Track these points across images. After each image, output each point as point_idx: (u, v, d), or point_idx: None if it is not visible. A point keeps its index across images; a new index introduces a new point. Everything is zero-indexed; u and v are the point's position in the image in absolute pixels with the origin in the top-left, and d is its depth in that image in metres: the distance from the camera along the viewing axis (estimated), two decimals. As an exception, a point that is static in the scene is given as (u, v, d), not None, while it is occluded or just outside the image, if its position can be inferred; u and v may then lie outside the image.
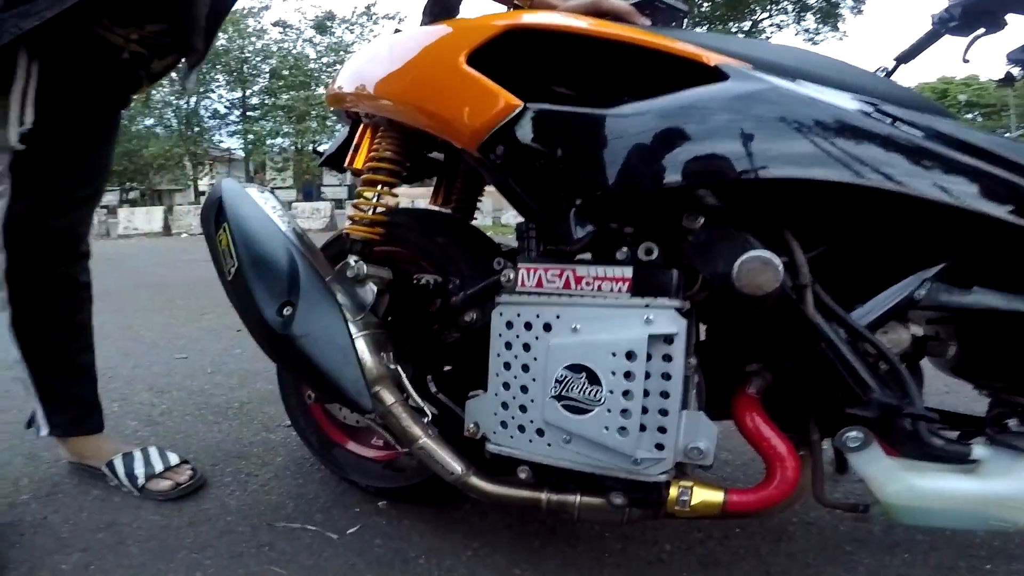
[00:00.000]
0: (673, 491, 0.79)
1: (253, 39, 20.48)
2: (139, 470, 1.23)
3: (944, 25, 1.11)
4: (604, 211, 0.79)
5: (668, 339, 0.75)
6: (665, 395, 0.76)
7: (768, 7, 22.20)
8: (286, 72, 20.16)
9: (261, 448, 1.46)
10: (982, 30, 1.10)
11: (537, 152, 0.80)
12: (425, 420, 0.92)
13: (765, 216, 0.76)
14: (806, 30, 22.58)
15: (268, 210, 0.97)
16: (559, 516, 0.89)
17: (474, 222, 1.25)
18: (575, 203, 0.79)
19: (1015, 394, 0.79)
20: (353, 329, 0.90)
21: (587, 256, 0.86)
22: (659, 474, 0.78)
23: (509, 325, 0.85)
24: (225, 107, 21.39)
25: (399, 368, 0.93)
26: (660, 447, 0.77)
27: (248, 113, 21.42)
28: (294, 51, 20.88)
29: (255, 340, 0.96)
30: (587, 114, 0.77)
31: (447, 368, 1.10)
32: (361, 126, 1.05)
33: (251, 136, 21.04)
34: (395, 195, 1.05)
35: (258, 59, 20.80)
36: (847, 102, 0.73)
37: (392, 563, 1.00)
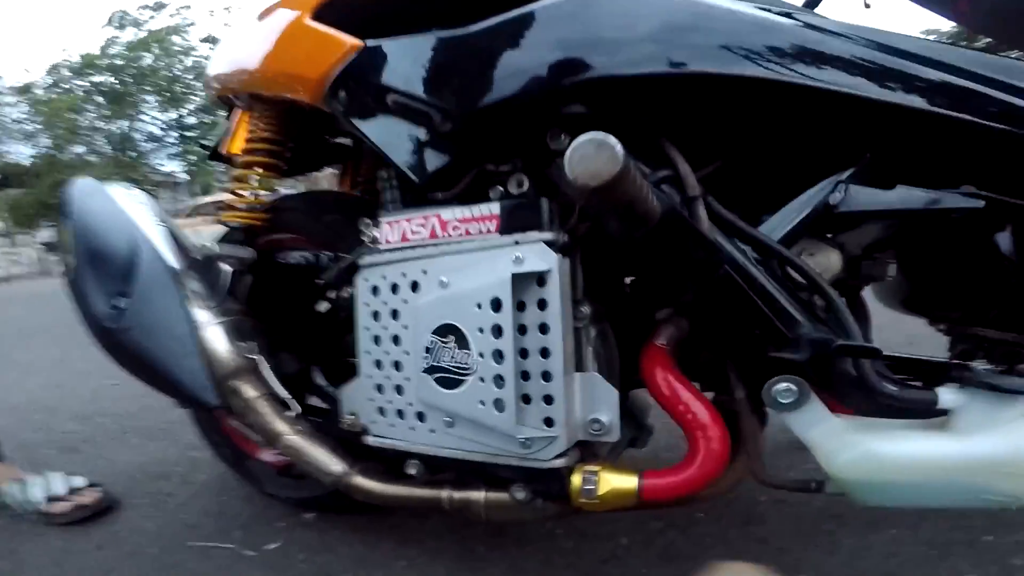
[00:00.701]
0: (576, 479, 0.60)
1: (181, 57, 18.05)
2: (37, 495, 1.07)
3: None
4: (454, 141, 0.63)
5: (541, 280, 0.56)
6: (546, 353, 0.56)
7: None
8: (223, 88, 18.56)
9: (185, 468, 1.30)
10: None
11: (381, 88, 0.66)
12: (292, 414, 0.74)
13: (640, 129, 0.58)
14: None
15: (124, 205, 0.82)
16: (466, 517, 0.71)
17: None
18: (422, 137, 0.64)
19: (975, 325, 0.59)
20: (202, 317, 0.73)
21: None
22: (554, 458, 0.59)
23: (375, 291, 0.67)
24: (160, 129, 18.57)
25: (261, 358, 0.75)
26: (549, 422, 0.58)
27: (186, 133, 18.36)
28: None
29: (92, 338, 0.80)
30: (425, 39, 0.64)
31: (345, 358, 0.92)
32: (236, 111, 0.92)
33: (193, 157, 17.89)
34: (278, 178, 0.90)
35: (190, 77, 18.17)
36: (730, 2, 0.58)
37: (314, 579, 0.84)
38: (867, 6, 1.02)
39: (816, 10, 0.83)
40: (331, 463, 0.72)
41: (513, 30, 0.60)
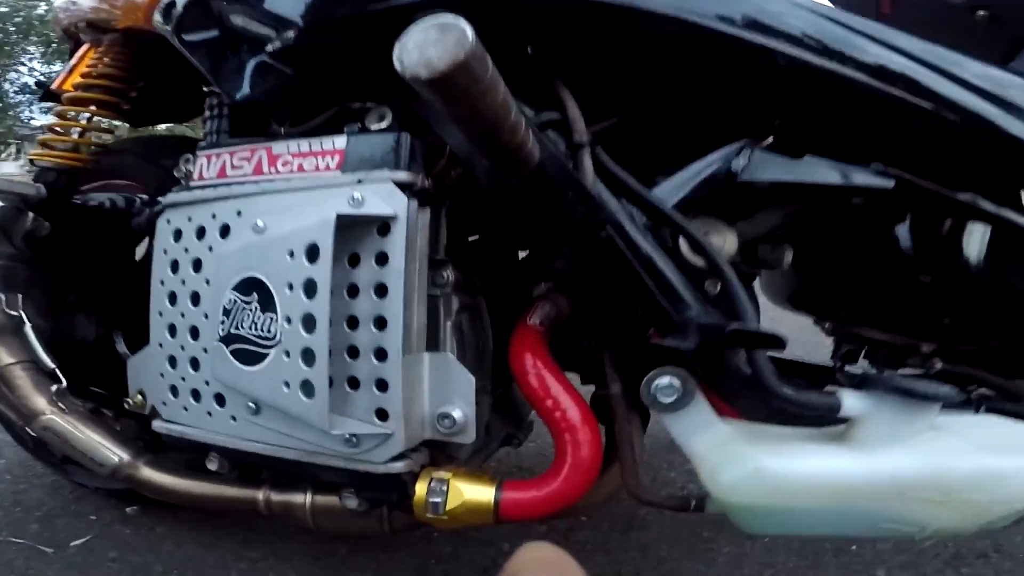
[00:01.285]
0: (420, 488, 0.44)
1: None
2: None
3: None
4: (293, 59, 0.46)
5: (384, 229, 0.40)
6: (381, 324, 0.40)
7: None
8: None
9: None
10: None
11: (217, 5, 0.49)
12: (56, 388, 0.52)
13: (529, 65, 0.44)
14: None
15: None
16: (291, 523, 0.53)
17: None
18: (254, 55, 0.47)
19: (863, 325, 0.51)
20: None
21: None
22: (390, 460, 0.42)
23: (177, 235, 0.47)
24: (39, 81, 17.88)
25: (23, 316, 0.53)
26: (382, 414, 0.41)
27: None
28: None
29: None
30: None
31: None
32: (81, 47, 0.71)
33: None
34: (114, 118, 0.69)
35: None
36: None
37: (127, 582, 0.66)
38: None
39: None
40: (107, 451, 0.51)
41: None
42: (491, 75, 0.30)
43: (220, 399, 0.45)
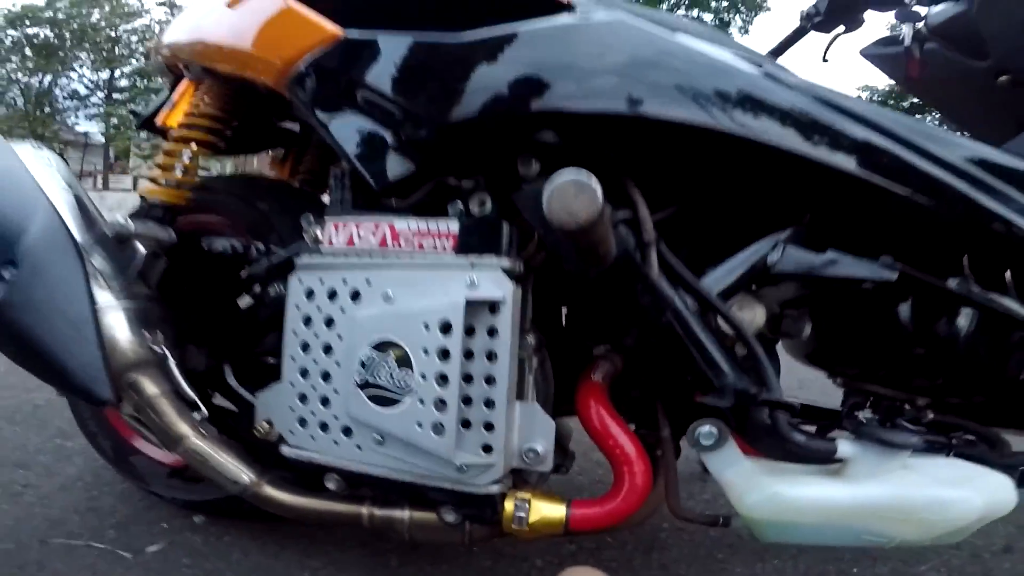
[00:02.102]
0: (508, 505, 0.61)
1: (131, 18, 17.02)
2: None
3: (810, 21, 1.06)
4: (421, 150, 0.62)
5: (493, 307, 0.57)
6: (491, 381, 0.57)
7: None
8: (168, 54, 16.90)
9: (51, 456, 1.16)
10: (842, 28, 1.06)
11: (353, 83, 0.63)
12: (196, 416, 0.69)
13: (608, 166, 0.60)
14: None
15: (28, 164, 0.71)
16: (388, 535, 0.69)
17: None
18: (389, 141, 0.62)
19: (869, 382, 0.68)
20: (104, 298, 0.65)
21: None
22: (489, 484, 0.59)
23: (310, 294, 0.63)
24: (87, 88, 17.29)
25: (166, 351, 0.69)
26: (488, 449, 0.58)
27: (114, 95, 17.46)
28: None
29: None
30: (408, 40, 0.62)
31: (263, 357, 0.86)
32: (182, 82, 0.84)
33: (114, 120, 16.83)
34: (212, 156, 0.84)
35: (134, 39, 17.30)
36: (707, 47, 0.60)
37: (202, 586, 0.79)
38: (825, 60, 1.14)
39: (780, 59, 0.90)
40: (239, 471, 0.67)
41: (498, 47, 0.59)
42: (607, 215, 0.46)
43: (347, 431, 0.62)
